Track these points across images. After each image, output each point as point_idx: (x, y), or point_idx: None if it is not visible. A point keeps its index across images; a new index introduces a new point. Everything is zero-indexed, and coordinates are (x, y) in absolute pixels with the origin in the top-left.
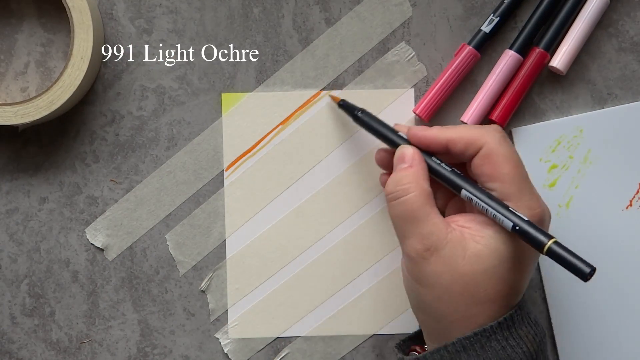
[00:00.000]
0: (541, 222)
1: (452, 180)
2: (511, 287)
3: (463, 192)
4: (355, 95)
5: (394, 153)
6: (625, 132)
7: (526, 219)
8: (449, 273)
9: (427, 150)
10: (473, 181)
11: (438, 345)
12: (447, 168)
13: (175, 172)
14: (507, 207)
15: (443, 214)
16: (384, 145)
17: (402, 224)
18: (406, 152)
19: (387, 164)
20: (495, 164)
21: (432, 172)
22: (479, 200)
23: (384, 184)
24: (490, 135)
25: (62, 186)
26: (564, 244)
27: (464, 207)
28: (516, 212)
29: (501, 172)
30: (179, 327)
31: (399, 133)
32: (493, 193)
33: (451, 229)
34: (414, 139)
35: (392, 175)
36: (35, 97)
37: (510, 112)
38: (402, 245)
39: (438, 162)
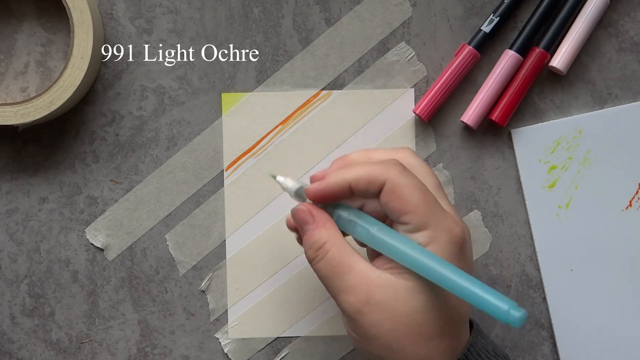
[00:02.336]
0: (462, 241)
1: (353, 235)
2: (453, 316)
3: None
4: (355, 95)
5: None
6: (625, 133)
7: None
8: (388, 319)
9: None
10: (382, 221)
11: None
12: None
13: (175, 172)
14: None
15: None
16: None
17: (330, 283)
18: (302, 214)
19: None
20: (402, 197)
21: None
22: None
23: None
24: (390, 170)
25: (62, 186)
26: (564, 244)
27: None
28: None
29: (410, 203)
30: (179, 327)
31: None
32: (408, 227)
33: (379, 273)
34: (319, 194)
35: (304, 240)
36: (35, 97)
37: (510, 112)
38: (338, 304)
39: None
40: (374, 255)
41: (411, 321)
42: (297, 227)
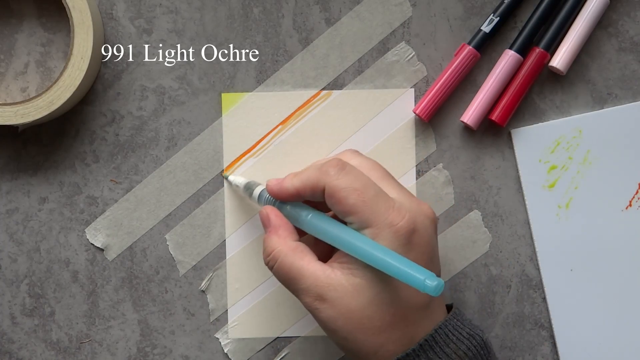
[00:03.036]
0: (408, 232)
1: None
2: (405, 306)
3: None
4: (355, 95)
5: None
6: (625, 133)
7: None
8: (341, 315)
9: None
10: (335, 221)
11: None
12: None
13: (175, 172)
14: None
15: (332, 250)
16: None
17: (287, 285)
18: (262, 217)
19: None
20: (340, 200)
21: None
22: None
23: None
24: (326, 175)
25: (62, 186)
26: (564, 244)
27: None
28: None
29: (349, 205)
30: (179, 327)
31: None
32: (353, 225)
33: (329, 272)
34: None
35: (262, 243)
36: (35, 97)
37: (510, 112)
38: (301, 303)
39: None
40: (332, 251)
41: (361, 316)
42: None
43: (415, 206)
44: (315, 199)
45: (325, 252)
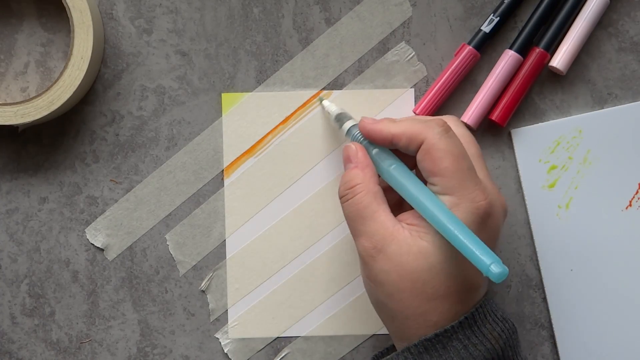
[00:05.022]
0: (485, 214)
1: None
2: (462, 283)
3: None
4: (355, 95)
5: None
6: (625, 133)
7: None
8: (395, 271)
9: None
10: (418, 179)
11: (402, 347)
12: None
13: (175, 172)
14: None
15: (399, 208)
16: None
17: (352, 224)
18: (350, 152)
19: None
20: (434, 159)
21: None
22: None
23: None
24: (430, 130)
25: (62, 186)
26: (564, 244)
27: None
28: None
29: (440, 167)
30: (179, 327)
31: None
32: (435, 188)
33: (398, 227)
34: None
35: (342, 177)
36: (35, 97)
37: (510, 112)
38: (356, 245)
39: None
40: (402, 209)
41: (416, 278)
42: (343, 162)
43: (496, 194)
44: (406, 151)
45: (393, 205)
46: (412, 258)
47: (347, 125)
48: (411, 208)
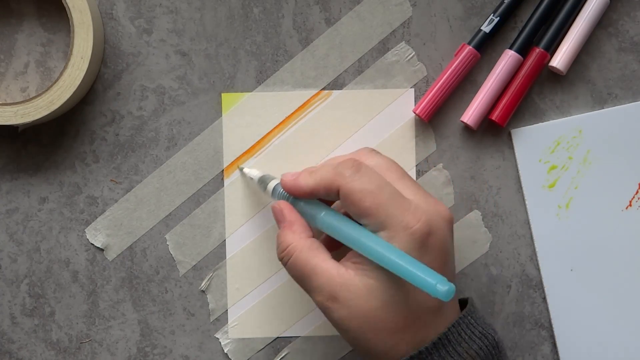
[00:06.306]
0: (423, 235)
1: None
2: (417, 309)
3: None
4: (355, 95)
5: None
6: (625, 133)
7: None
8: (353, 316)
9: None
10: (350, 220)
11: None
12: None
13: (175, 172)
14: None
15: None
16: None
17: (299, 282)
18: (276, 211)
19: None
20: (354, 202)
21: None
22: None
23: None
24: (341, 176)
25: (62, 186)
26: (564, 244)
27: None
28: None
29: (363, 207)
30: (179, 327)
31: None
32: (368, 227)
33: (342, 271)
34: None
35: (276, 238)
36: (35, 97)
37: (510, 112)
38: (313, 300)
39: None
40: (345, 249)
41: (373, 317)
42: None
43: (432, 208)
44: (330, 199)
45: (337, 248)
46: (364, 300)
47: (271, 185)
48: None
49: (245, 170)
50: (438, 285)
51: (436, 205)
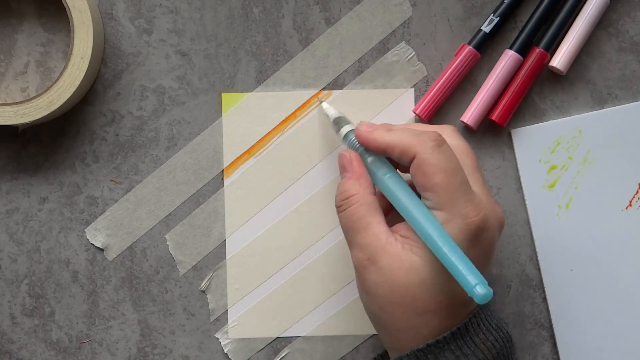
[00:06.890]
0: (478, 229)
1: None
2: (452, 297)
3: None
4: (355, 95)
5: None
6: (625, 133)
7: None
8: (387, 284)
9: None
10: (412, 191)
11: (395, 357)
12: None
13: (175, 172)
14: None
15: (396, 214)
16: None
17: (347, 234)
18: (345, 161)
19: None
20: (426, 174)
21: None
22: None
23: None
24: (422, 145)
25: (62, 186)
26: (564, 244)
27: None
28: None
29: (432, 182)
30: (179, 327)
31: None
32: (428, 202)
33: (391, 239)
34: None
35: (338, 186)
36: (35, 97)
37: (510, 112)
38: (350, 254)
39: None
40: (393, 217)
41: (407, 292)
42: (339, 169)
43: (491, 207)
44: (400, 162)
45: (389, 211)
46: (403, 273)
47: (344, 130)
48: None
49: (324, 105)
50: (477, 287)
51: (495, 206)
